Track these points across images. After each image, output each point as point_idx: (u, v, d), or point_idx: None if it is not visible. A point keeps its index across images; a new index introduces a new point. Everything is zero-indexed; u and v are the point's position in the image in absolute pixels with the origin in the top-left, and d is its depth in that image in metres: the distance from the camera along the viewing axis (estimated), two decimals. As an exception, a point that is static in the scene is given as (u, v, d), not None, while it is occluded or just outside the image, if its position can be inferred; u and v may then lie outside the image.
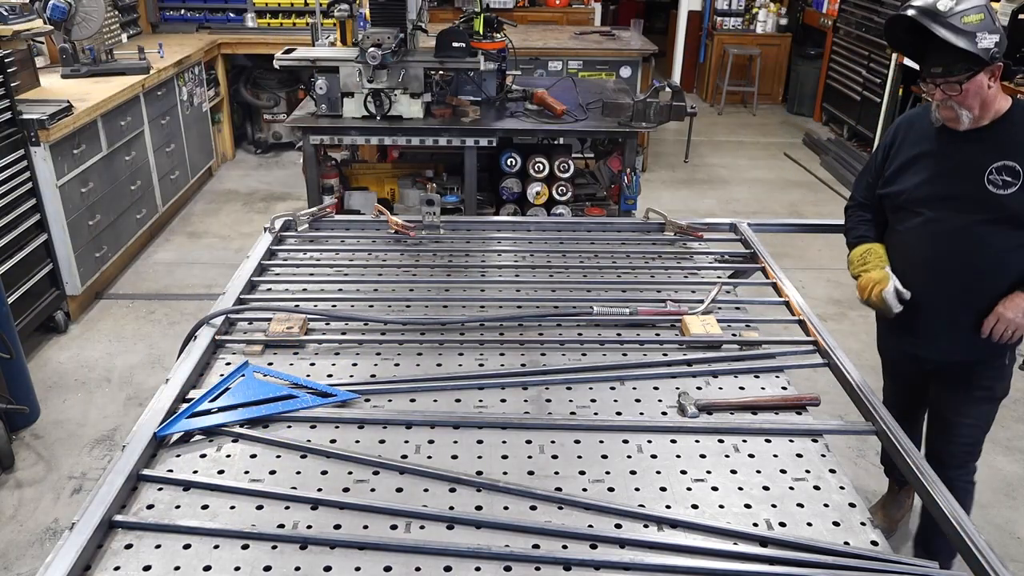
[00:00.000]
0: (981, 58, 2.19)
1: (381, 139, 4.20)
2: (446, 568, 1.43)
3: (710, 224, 2.90)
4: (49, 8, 4.88)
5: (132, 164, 5.15)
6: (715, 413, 1.87)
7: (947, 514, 1.56)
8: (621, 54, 6.65)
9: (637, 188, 4.35)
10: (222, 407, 1.83)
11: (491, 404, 1.91)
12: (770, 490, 1.65)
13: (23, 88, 4.47)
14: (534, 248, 2.79)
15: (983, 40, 2.16)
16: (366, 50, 3.84)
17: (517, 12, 8.69)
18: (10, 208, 3.93)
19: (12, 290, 3.87)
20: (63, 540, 1.42)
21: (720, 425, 1.82)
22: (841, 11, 8.50)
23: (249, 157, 7.54)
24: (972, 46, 2.17)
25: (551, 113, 4.28)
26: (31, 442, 3.56)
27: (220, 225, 6.01)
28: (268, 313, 2.23)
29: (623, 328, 2.27)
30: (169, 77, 5.72)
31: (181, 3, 6.98)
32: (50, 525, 3.11)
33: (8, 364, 3.42)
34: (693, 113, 4.31)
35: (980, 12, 2.18)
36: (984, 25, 2.17)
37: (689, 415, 1.85)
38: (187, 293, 4.95)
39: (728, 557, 1.47)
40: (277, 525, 1.51)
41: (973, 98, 2.26)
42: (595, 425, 1.82)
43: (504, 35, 4.55)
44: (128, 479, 1.58)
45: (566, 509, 1.58)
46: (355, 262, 2.66)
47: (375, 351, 2.13)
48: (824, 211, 6.42)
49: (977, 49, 2.17)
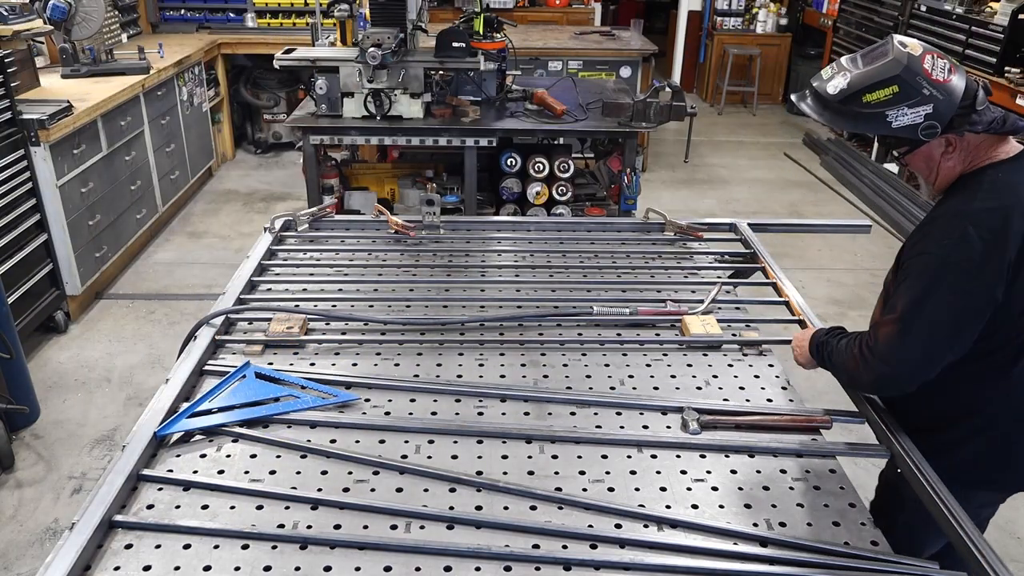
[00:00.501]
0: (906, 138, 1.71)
1: (381, 139, 4.19)
2: (446, 568, 1.43)
3: (710, 224, 2.90)
4: (49, 8, 4.88)
5: (132, 164, 5.14)
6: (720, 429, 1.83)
7: (947, 514, 1.56)
8: (621, 54, 6.65)
9: (637, 188, 4.35)
10: (222, 407, 1.83)
11: (491, 406, 1.91)
12: (770, 490, 1.65)
13: (23, 88, 4.47)
14: (534, 248, 2.79)
15: (900, 118, 1.67)
16: (366, 50, 3.84)
17: (517, 12, 8.68)
18: (10, 208, 3.93)
19: (12, 290, 3.86)
20: (63, 540, 1.42)
21: (726, 443, 1.80)
22: (841, 11, 8.50)
23: (249, 157, 7.53)
24: (884, 129, 1.69)
25: (551, 113, 4.28)
26: (31, 442, 3.55)
27: (220, 225, 6.00)
28: (268, 313, 2.23)
29: (623, 328, 2.27)
30: (169, 77, 5.72)
31: (181, 3, 6.97)
32: (50, 525, 3.10)
33: (8, 364, 3.42)
34: (693, 113, 4.31)
35: (888, 85, 1.66)
36: (899, 98, 1.66)
37: (691, 431, 1.81)
38: (187, 293, 4.94)
39: (728, 557, 1.47)
40: (277, 525, 1.52)
41: (922, 169, 1.81)
42: (597, 439, 1.81)
43: (504, 35, 4.54)
44: (128, 479, 1.59)
45: (566, 509, 1.58)
46: (355, 262, 2.66)
47: (375, 351, 2.13)
48: (824, 211, 6.41)
49: (891, 131, 1.69)
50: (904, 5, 6.97)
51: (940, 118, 1.66)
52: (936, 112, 1.66)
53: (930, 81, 1.65)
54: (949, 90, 1.66)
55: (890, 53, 1.69)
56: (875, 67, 1.69)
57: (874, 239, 5.64)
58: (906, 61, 1.66)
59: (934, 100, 1.65)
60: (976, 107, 1.66)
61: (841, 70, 1.74)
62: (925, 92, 1.65)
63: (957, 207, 1.72)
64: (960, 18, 6.03)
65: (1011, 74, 5.28)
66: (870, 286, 5.03)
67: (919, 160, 1.77)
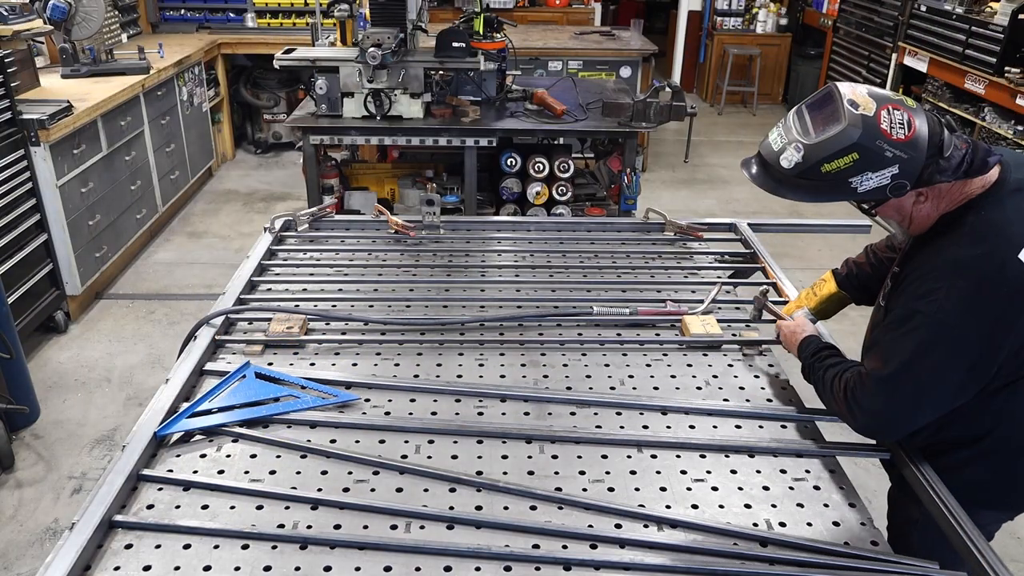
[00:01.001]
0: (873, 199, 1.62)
1: (381, 139, 4.19)
2: (446, 568, 1.43)
3: (710, 224, 2.90)
4: (49, 8, 4.88)
5: (132, 164, 5.14)
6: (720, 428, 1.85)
7: (947, 514, 1.56)
8: (621, 54, 6.64)
9: (637, 188, 4.35)
10: (222, 407, 1.83)
11: (491, 406, 1.91)
12: (770, 490, 1.65)
13: (23, 88, 4.47)
14: (534, 248, 2.79)
15: (864, 183, 1.56)
16: (366, 50, 3.84)
17: (517, 12, 8.68)
18: (10, 208, 3.93)
19: (12, 290, 3.86)
20: (63, 540, 1.42)
21: (726, 443, 1.81)
22: (841, 11, 8.50)
23: (249, 157, 7.53)
24: (848, 196, 1.60)
25: (551, 113, 4.28)
26: (31, 442, 3.55)
27: (220, 225, 6.00)
28: (268, 313, 2.23)
29: (623, 328, 2.27)
30: (169, 77, 5.72)
31: (181, 3, 6.97)
32: (50, 525, 3.10)
33: (8, 364, 3.42)
34: (693, 113, 4.31)
35: (846, 155, 1.53)
36: (860, 166, 1.54)
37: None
38: (187, 293, 4.94)
39: (728, 557, 1.47)
40: (277, 525, 1.51)
41: (894, 218, 1.71)
42: (597, 439, 1.81)
43: (504, 35, 4.54)
44: (128, 479, 1.59)
45: (566, 509, 1.58)
46: (355, 262, 2.66)
47: (375, 351, 2.13)
48: (824, 211, 6.35)
49: (857, 195, 1.59)
50: (904, 5, 6.97)
51: (908, 176, 1.55)
52: (902, 171, 1.54)
53: (891, 142, 1.53)
54: (913, 145, 1.53)
55: (842, 119, 1.55)
56: (828, 137, 1.56)
57: (874, 239, 5.63)
58: (861, 126, 1.53)
59: (899, 160, 1.53)
60: (943, 153, 1.55)
61: (792, 141, 1.61)
62: (888, 155, 1.53)
63: (944, 256, 1.61)
64: (960, 18, 6.03)
65: (1011, 74, 5.28)
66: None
67: (890, 211, 1.67)
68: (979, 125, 5.65)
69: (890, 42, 7.26)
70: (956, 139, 1.59)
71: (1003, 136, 5.38)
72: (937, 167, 1.56)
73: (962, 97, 5.98)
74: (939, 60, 6.26)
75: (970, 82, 5.76)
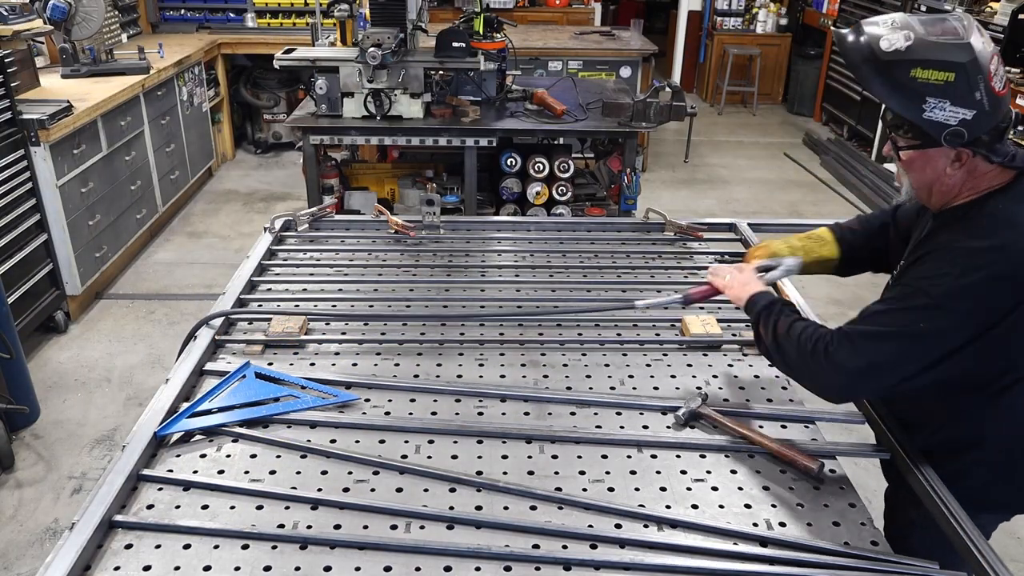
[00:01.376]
0: (927, 132, 1.53)
1: (381, 139, 4.20)
2: (446, 568, 1.43)
3: (710, 224, 2.89)
4: (49, 8, 4.88)
5: (132, 164, 5.14)
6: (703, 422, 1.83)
7: (947, 514, 1.56)
8: (621, 54, 6.64)
9: (637, 188, 4.35)
10: (222, 407, 1.83)
11: (491, 406, 1.91)
12: (770, 490, 1.65)
13: (23, 88, 4.47)
14: (534, 248, 2.79)
15: (935, 111, 1.49)
16: (366, 50, 3.84)
17: (517, 12, 8.68)
18: (10, 208, 3.93)
19: (12, 290, 3.86)
20: (63, 540, 1.42)
21: (726, 443, 1.80)
22: (841, 11, 8.50)
23: (249, 157, 7.53)
24: (913, 113, 1.51)
25: (551, 113, 4.28)
26: (31, 442, 3.56)
27: (220, 225, 6.00)
28: (268, 313, 2.23)
29: (623, 328, 2.26)
30: (169, 77, 5.72)
31: (181, 3, 6.97)
32: (50, 525, 3.10)
33: (8, 364, 3.42)
34: (693, 113, 4.31)
35: (947, 70, 1.46)
36: (945, 91, 1.47)
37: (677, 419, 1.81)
38: (187, 293, 4.94)
39: (728, 557, 1.47)
40: (277, 525, 1.51)
41: (917, 173, 1.63)
42: (597, 439, 1.81)
43: (504, 35, 4.54)
44: (128, 479, 1.59)
45: (566, 509, 1.58)
46: (355, 262, 2.66)
47: (375, 351, 2.13)
48: (824, 211, 6.41)
49: (920, 119, 1.50)
50: (904, 5, 6.97)
51: (973, 129, 1.48)
52: (974, 121, 1.48)
53: (987, 86, 1.46)
54: (999, 102, 1.49)
55: (963, 34, 1.48)
56: (943, 43, 1.47)
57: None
58: (976, 53, 1.46)
59: (979, 108, 1.47)
60: (1005, 134, 1.52)
61: (905, 27, 1.52)
62: (976, 96, 1.46)
63: (960, 243, 1.58)
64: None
65: (1011, 74, 5.28)
66: (870, 286, 5.00)
67: (920, 163, 1.59)
68: (979, 125, 5.65)
69: (890, 42, 7.25)
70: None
71: (1003, 136, 5.38)
72: (997, 141, 1.52)
73: (962, 97, 5.98)
74: (939, 60, 6.25)
75: (970, 82, 5.75)
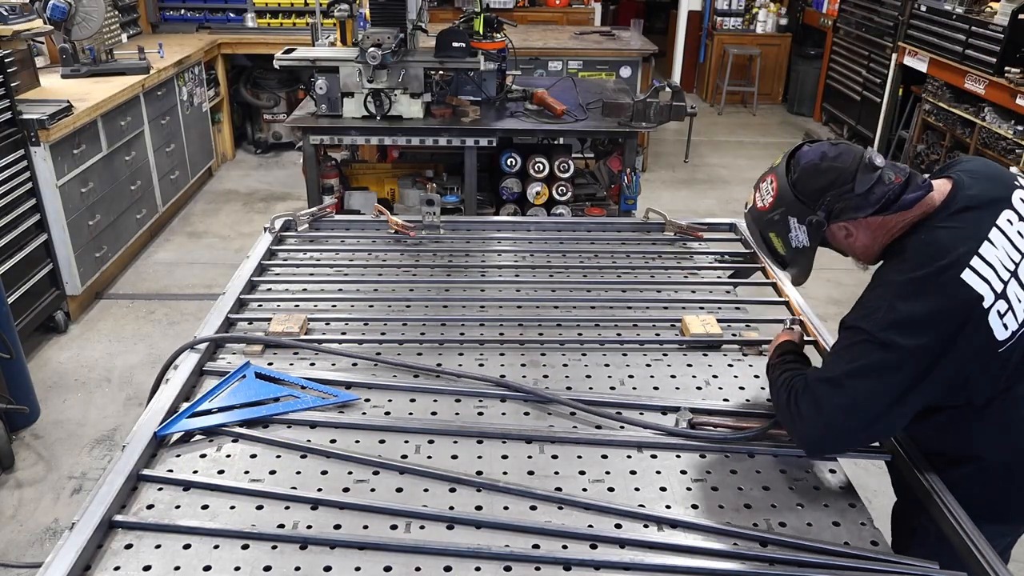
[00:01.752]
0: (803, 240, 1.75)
1: (381, 139, 4.19)
2: (446, 568, 1.43)
3: (710, 224, 2.90)
4: (49, 8, 4.88)
5: (132, 164, 5.14)
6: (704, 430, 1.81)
7: (947, 514, 1.56)
8: (621, 54, 6.64)
9: (637, 188, 4.35)
10: (222, 407, 1.83)
11: (491, 406, 1.91)
12: (770, 490, 1.65)
13: (23, 88, 4.47)
14: (534, 248, 2.79)
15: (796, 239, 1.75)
16: (366, 50, 3.84)
17: (517, 12, 8.68)
18: (10, 208, 3.93)
19: (12, 290, 3.86)
20: (63, 540, 1.42)
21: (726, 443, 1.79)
22: (841, 11, 8.50)
23: (249, 157, 7.53)
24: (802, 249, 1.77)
25: (551, 113, 4.28)
26: (31, 442, 3.55)
27: (220, 225, 6.00)
28: (268, 314, 2.23)
29: (623, 328, 2.27)
30: (169, 77, 5.72)
31: (181, 3, 6.97)
32: (50, 525, 3.10)
33: (8, 364, 3.42)
34: (693, 113, 4.31)
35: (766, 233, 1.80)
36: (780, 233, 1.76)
37: (678, 427, 1.80)
38: (187, 293, 4.94)
39: (728, 557, 1.47)
40: (277, 525, 1.51)
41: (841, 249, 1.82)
42: (597, 439, 1.81)
43: (504, 35, 4.54)
44: (128, 479, 1.59)
45: (566, 509, 1.58)
46: (355, 262, 2.66)
47: (375, 351, 2.13)
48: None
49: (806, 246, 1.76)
50: (904, 5, 6.97)
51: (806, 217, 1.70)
52: (801, 218, 1.71)
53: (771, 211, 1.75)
54: (781, 200, 1.72)
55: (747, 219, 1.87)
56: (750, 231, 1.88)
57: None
58: (750, 219, 1.84)
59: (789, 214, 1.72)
60: (855, 190, 1.62)
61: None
62: (776, 218, 1.75)
63: (885, 277, 1.64)
64: (960, 18, 6.03)
65: (1011, 74, 5.28)
66: (870, 286, 5.02)
67: (835, 247, 1.79)
68: (979, 125, 5.65)
69: (890, 42, 7.26)
70: (889, 171, 1.63)
71: (1003, 136, 5.38)
72: (849, 203, 1.65)
73: (962, 97, 5.98)
74: (939, 60, 6.26)
75: (970, 82, 5.76)
